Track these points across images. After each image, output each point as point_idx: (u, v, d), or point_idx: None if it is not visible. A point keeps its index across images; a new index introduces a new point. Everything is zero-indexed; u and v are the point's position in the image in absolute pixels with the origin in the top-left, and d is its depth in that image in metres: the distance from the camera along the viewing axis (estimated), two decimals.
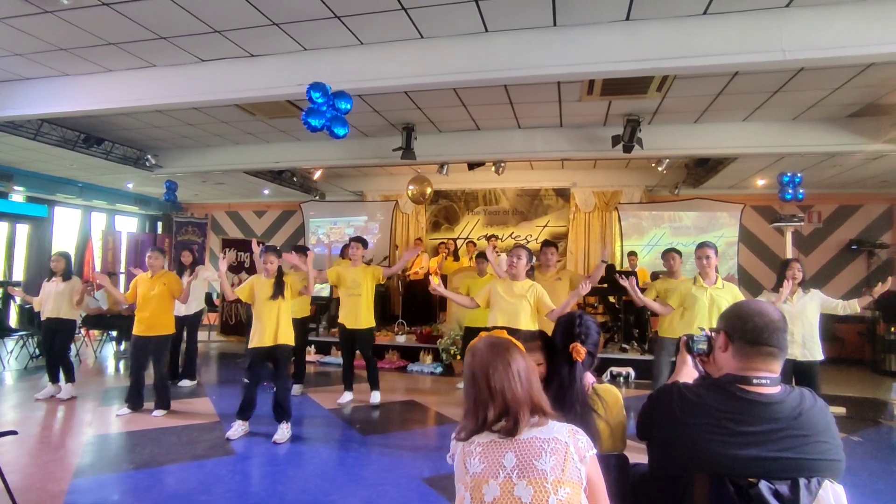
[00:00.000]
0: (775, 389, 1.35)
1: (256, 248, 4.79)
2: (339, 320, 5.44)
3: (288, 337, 4.43)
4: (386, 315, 9.31)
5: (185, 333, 6.15)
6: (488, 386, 1.30)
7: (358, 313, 5.28)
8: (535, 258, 4.73)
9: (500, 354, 1.34)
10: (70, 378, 5.47)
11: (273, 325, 4.33)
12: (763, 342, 1.34)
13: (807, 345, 4.20)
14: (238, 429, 4.29)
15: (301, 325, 5.84)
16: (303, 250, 5.73)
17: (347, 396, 5.47)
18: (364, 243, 5.55)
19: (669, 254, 4.77)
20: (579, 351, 1.67)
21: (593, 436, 1.39)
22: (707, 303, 4.08)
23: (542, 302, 4.21)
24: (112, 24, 4.08)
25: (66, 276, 5.51)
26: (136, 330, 4.90)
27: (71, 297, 5.44)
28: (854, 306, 4.34)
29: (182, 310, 5.92)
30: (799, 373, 4.17)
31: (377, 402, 5.39)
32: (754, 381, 1.33)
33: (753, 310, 1.40)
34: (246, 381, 4.37)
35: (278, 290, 4.35)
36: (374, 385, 5.46)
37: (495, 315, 4.28)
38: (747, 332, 1.36)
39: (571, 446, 1.23)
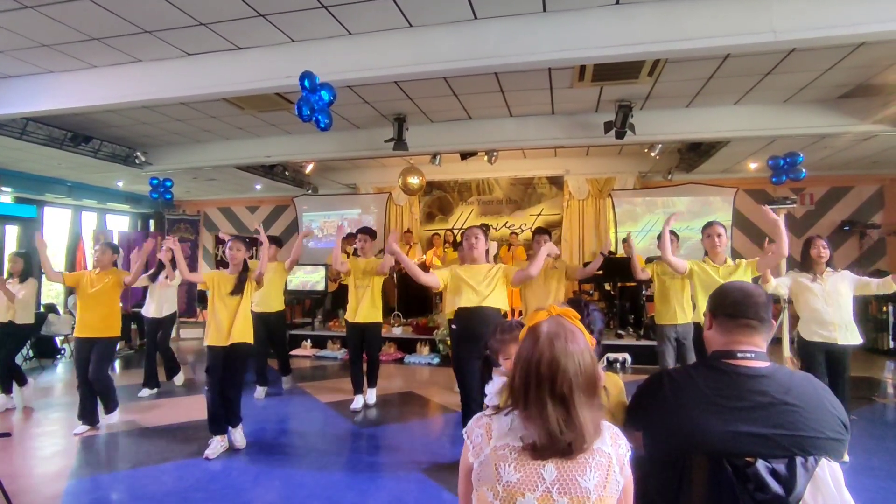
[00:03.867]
0: (762, 364, 1.36)
1: (264, 237, 4.45)
2: (347, 316, 5.23)
3: (246, 334, 4.04)
4: (382, 307, 9.29)
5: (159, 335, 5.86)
6: (552, 388, 1.13)
7: (366, 307, 5.08)
8: (498, 245, 4.17)
9: (569, 351, 1.15)
10: (22, 382, 5.24)
11: (228, 323, 3.95)
12: (741, 314, 1.39)
13: (848, 327, 3.78)
14: (217, 446, 3.86)
15: (278, 319, 5.75)
16: (275, 242, 5.60)
17: (360, 401, 5.09)
18: (372, 234, 5.36)
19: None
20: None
21: None
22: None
23: (509, 276, 3.79)
24: (95, 18, 4.00)
25: (24, 277, 5.21)
26: (79, 331, 4.44)
27: (26, 300, 5.12)
28: (890, 284, 3.73)
29: (151, 311, 5.75)
30: (832, 357, 3.78)
31: (372, 401, 5.22)
32: (738, 354, 1.36)
33: (734, 287, 1.47)
34: (206, 388, 3.92)
35: (240, 287, 4.01)
36: (373, 382, 5.28)
37: (459, 299, 3.76)
38: (727, 306, 1.42)
39: (614, 457, 1.14)
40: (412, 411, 5.05)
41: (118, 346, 4.72)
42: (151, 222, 11.99)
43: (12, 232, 9.15)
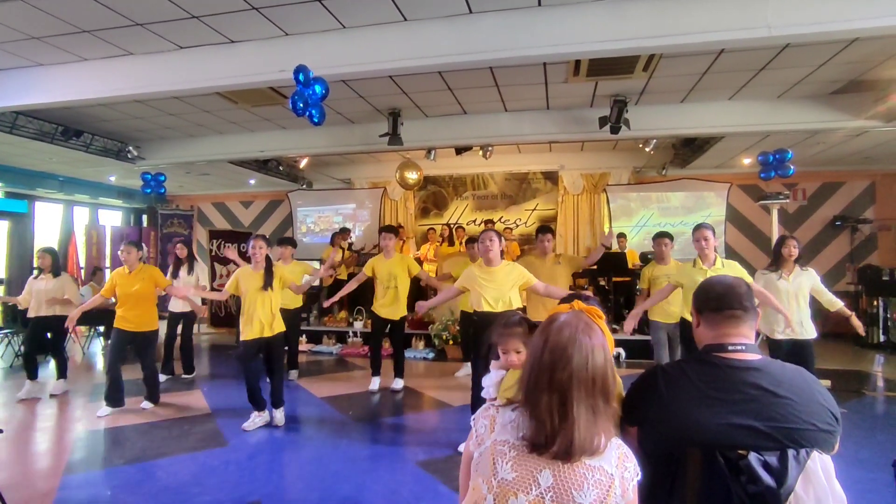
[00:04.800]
0: (754, 356, 1.37)
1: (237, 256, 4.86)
2: (374, 308, 5.45)
3: (281, 325, 4.43)
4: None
5: (180, 328, 6.06)
6: (550, 377, 1.10)
7: (394, 304, 5.31)
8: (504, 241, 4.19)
9: (578, 342, 1.12)
10: (63, 374, 5.49)
11: (268, 317, 4.29)
12: (726, 306, 1.40)
13: (803, 324, 4.05)
14: (255, 419, 4.28)
15: (294, 316, 5.92)
16: (290, 243, 5.82)
17: (377, 382, 5.47)
18: (395, 232, 5.54)
19: (660, 239, 4.69)
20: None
21: None
22: None
23: (526, 279, 3.89)
24: (85, 10, 3.96)
25: (56, 272, 5.38)
26: (120, 324, 4.72)
27: (63, 294, 5.32)
28: (836, 304, 4.16)
29: (179, 306, 5.88)
30: (794, 351, 3.98)
31: (400, 387, 5.48)
32: (729, 347, 1.38)
33: (714, 281, 1.50)
34: (245, 373, 4.28)
35: (269, 280, 4.30)
36: (399, 372, 5.56)
37: (479, 301, 3.89)
38: (711, 300, 1.44)
39: (617, 479, 1.08)
40: (407, 405, 5.07)
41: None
42: (144, 217, 11.91)
43: (3, 227, 9.07)
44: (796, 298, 4.04)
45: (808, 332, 4.07)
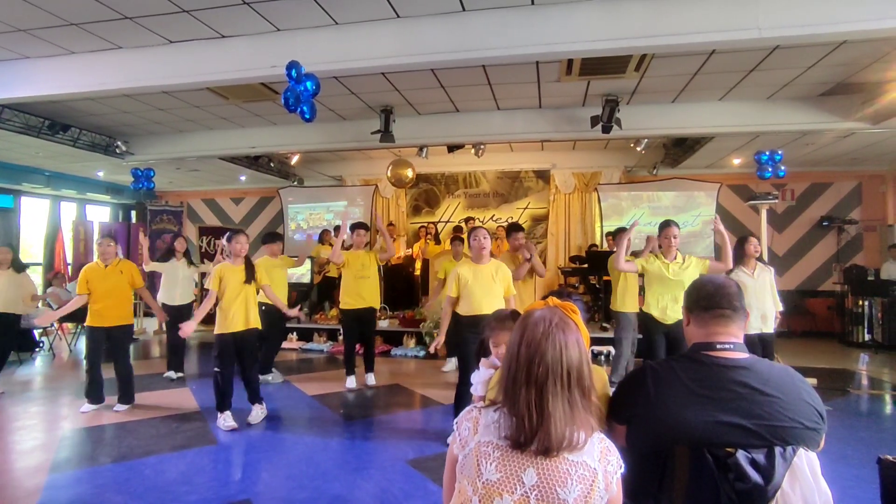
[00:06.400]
0: (742, 355, 1.39)
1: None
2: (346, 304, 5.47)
3: (258, 320, 4.42)
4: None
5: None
6: (527, 372, 1.12)
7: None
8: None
9: (552, 337, 1.13)
10: None
11: (244, 310, 4.29)
12: (715, 305, 1.42)
13: (767, 317, 4.31)
14: (229, 420, 4.18)
15: (278, 314, 5.78)
16: (275, 238, 5.74)
17: (353, 381, 5.45)
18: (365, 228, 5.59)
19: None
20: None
21: None
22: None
23: (509, 284, 3.96)
24: (73, 2, 3.90)
25: (18, 268, 5.44)
26: (92, 321, 4.60)
27: (20, 290, 5.30)
28: (779, 306, 4.48)
29: (175, 300, 5.83)
30: (761, 345, 4.20)
31: (373, 383, 5.52)
32: (718, 346, 1.40)
33: (706, 280, 1.52)
34: (217, 369, 4.19)
35: (250, 273, 4.34)
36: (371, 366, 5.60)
37: (480, 303, 3.84)
38: (701, 300, 1.46)
39: (600, 473, 1.09)
40: (398, 403, 5.06)
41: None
42: (133, 213, 11.79)
43: None
44: (762, 294, 4.32)
45: (769, 326, 4.32)
